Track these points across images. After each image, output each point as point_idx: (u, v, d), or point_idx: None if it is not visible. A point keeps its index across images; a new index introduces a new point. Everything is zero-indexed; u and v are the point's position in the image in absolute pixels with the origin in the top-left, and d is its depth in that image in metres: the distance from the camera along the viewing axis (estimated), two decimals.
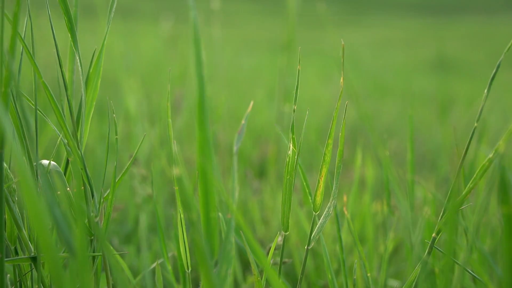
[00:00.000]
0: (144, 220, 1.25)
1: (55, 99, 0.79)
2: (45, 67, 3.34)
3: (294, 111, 0.84)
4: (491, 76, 0.80)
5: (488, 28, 29.82)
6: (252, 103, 0.82)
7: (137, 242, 1.37)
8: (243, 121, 0.79)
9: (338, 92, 3.00)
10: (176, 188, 0.74)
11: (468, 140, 0.81)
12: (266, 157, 2.21)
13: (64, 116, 0.83)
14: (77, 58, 0.83)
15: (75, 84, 0.91)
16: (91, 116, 0.89)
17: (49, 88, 0.77)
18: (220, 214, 0.80)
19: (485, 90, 0.79)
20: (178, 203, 0.80)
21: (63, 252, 0.85)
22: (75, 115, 0.86)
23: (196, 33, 0.59)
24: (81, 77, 0.84)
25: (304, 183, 0.91)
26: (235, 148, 0.79)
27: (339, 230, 0.96)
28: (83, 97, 0.85)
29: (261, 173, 2.20)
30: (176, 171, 0.67)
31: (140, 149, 1.61)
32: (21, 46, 0.83)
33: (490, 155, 0.74)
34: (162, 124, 1.65)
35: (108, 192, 0.89)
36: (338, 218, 0.97)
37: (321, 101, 3.31)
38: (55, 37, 0.85)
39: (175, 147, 0.75)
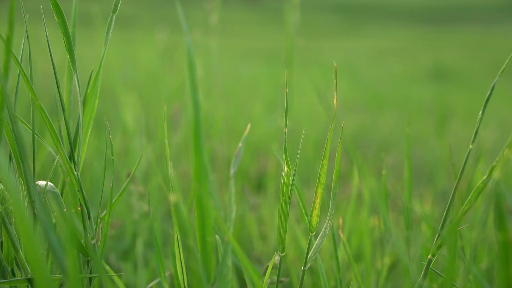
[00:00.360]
0: (141, 241, 1.25)
1: (52, 122, 0.79)
2: (44, 77, 3.34)
3: (285, 133, 0.84)
4: (486, 97, 0.80)
5: (485, 37, 29.88)
6: (249, 125, 0.82)
7: (134, 259, 1.37)
8: (240, 144, 0.79)
9: (336, 104, 2.99)
10: (173, 211, 0.74)
11: (464, 161, 0.81)
12: (264, 170, 2.21)
13: (61, 138, 0.84)
14: (75, 79, 0.84)
15: (73, 104, 0.91)
16: (88, 136, 0.89)
17: (45, 111, 0.78)
18: (216, 236, 0.80)
19: (480, 112, 0.79)
20: (175, 226, 0.80)
21: (58, 274, 0.85)
22: (72, 136, 0.86)
23: (191, 60, 0.60)
24: (79, 98, 0.84)
25: (301, 203, 0.91)
26: (232, 171, 0.78)
27: (335, 250, 0.96)
28: (81, 118, 0.85)
29: (259, 186, 2.20)
30: (172, 197, 0.67)
31: (138, 166, 1.61)
32: (19, 62, 0.83)
33: (484, 177, 0.74)
34: (160, 139, 1.65)
35: (105, 212, 0.89)
36: (334, 237, 0.97)
37: (319, 113, 3.31)
38: (52, 56, 0.85)
39: (171, 171, 0.75)
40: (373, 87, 5.76)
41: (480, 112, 0.79)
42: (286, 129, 0.85)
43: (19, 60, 0.79)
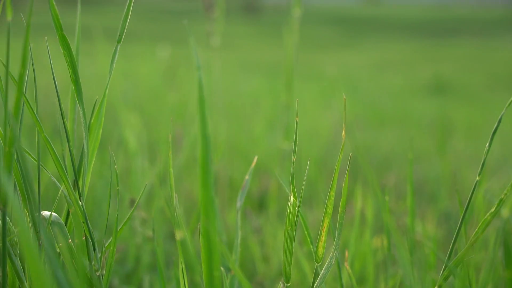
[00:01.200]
0: (144, 265, 1.24)
1: (56, 153, 0.79)
2: (45, 95, 3.35)
3: (293, 163, 0.84)
4: (492, 131, 0.80)
5: (485, 50, 29.94)
6: (256, 158, 0.82)
7: (137, 282, 1.36)
8: (247, 177, 0.79)
9: (337, 120, 3.02)
10: (179, 248, 0.74)
11: (469, 196, 0.81)
12: (266, 189, 2.21)
13: (65, 167, 0.83)
14: (80, 110, 0.84)
15: (76, 131, 0.91)
16: (92, 164, 0.89)
17: (50, 142, 0.78)
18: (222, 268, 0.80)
19: (487, 144, 0.79)
20: (180, 261, 0.80)
21: None
22: (76, 164, 0.86)
23: (202, 96, 0.60)
24: (83, 128, 0.84)
25: (306, 232, 0.91)
26: (238, 204, 0.78)
27: (340, 278, 0.96)
28: (85, 148, 0.85)
29: (261, 205, 2.19)
30: (179, 235, 0.67)
31: (140, 188, 1.61)
32: (24, 83, 0.83)
33: (492, 210, 0.74)
34: (162, 160, 1.65)
35: (109, 241, 0.89)
36: (339, 266, 0.97)
37: (321, 130, 3.31)
38: (56, 84, 0.85)
39: (177, 208, 0.75)
40: (374, 102, 5.76)
41: (487, 144, 0.79)
42: (294, 159, 0.85)
43: (24, 84, 0.79)
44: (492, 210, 0.75)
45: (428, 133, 4.13)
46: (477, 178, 0.82)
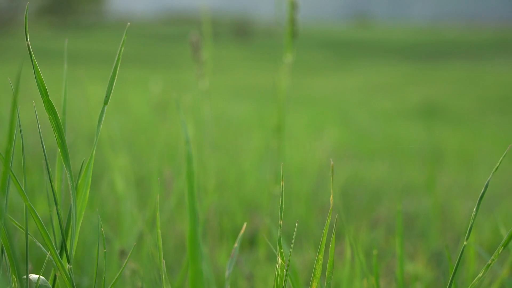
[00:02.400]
0: None
1: (43, 223, 0.78)
2: (33, 133, 3.34)
3: (280, 225, 0.84)
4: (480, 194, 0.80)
5: (475, 73, 30.14)
6: (245, 224, 0.82)
7: None
8: (236, 244, 0.79)
9: (329, 150, 3.01)
10: None
11: (457, 259, 0.81)
12: (257, 228, 2.20)
13: (53, 229, 0.83)
14: (67, 173, 0.84)
15: (64, 193, 0.91)
16: (80, 225, 0.88)
17: (38, 216, 0.77)
18: None
19: (474, 209, 0.79)
20: None
21: None
22: (64, 226, 0.86)
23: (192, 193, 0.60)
24: (70, 191, 0.84)
25: None
26: (227, 273, 0.78)
27: None
28: (73, 210, 0.85)
29: (252, 243, 2.19)
30: None
31: (129, 233, 1.61)
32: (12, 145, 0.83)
33: (480, 275, 0.74)
34: (151, 204, 1.65)
35: None
36: None
37: (312, 162, 3.32)
38: (45, 149, 0.85)
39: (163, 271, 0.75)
40: (364, 129, 5.78)
41: (474, 209, 0.79)
42: (281, 221, 0.85)
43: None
44: (480, 275, 0.75)
45: (419, 162, 4.14)
46: (465, 243, 0.82)
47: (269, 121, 5.55)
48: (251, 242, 2.21)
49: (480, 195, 0.83)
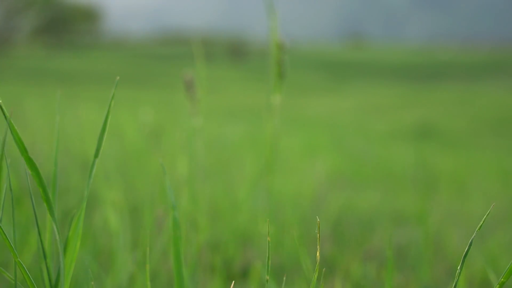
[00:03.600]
0: None
1: (31, 278, 0.78)
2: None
3: (267, 281, 0.84)
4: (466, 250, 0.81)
5: (469, 95, 30.30)
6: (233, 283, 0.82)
7: None
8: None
9: (322, 177, 3.00)
10: None
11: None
12: (249, 260, 2.20)
13: (43, 282, 0.83)
14: (54, 227, 0.84)
15: (56, 245, 0.91)
16: (69, 279, 0.88)
17: (26, 269, 0.77)
18: None
19: (458, 267, 0.79)
20: None
21: None
22: (53, 280, 0.86)
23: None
24: (58, 245, 0.84)
25: None
26: None
27: None
28: (61, 265, 0.85)
29: (245, 276, 2.18)
30: None
31: (121, 271, 1.60)
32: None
33: None
34: (145, 242, 1.64)
35: None
36: None
37: (305, 189, 3.32)
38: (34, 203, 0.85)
39: None
40: (358, 153, 5.79)
41: (459, 267, 0.80)
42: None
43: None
44: None
45: (412, 189, 4.15)
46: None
47: (263, 146, 5.57)
48: (243, 275, 2.20)
49: (463, 254, 0.84)
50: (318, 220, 0.89)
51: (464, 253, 0.88)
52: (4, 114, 0.78)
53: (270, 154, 1.46)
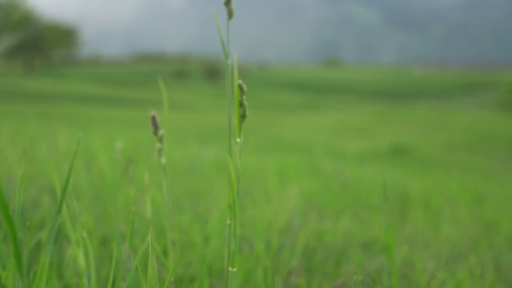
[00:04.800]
0: None
1: None
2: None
3: None
4: None
5: (442, 113, 30.58)
6: None
7: None
8: None
9: (294, 204, 3.00)
10: None
11: None
12: None
13: None
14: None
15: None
16: None
17: None
18: None
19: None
20: None
21: None
22: None
23: None
24: None
25: None
26: None
27: None
28: None
29: None
30: None
31: None
32: None
33: None
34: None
35: None
36: None
37: (278, 216, 3.32)
38: None
39: None
40: (332, 176, 5.80)
41: None
42: None
43: None
44: None
45: (384, 214, 4.16)
46: None
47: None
48: None
49: None
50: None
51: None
52: None
53: (233, 198, 1.45)
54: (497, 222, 4.11)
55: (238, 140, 1.49)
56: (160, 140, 1.60)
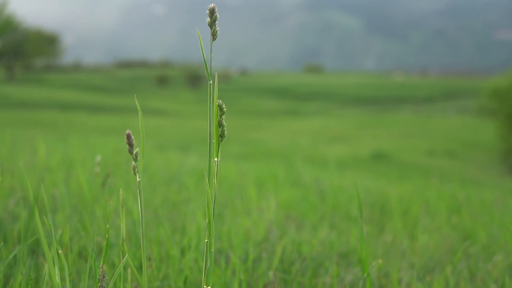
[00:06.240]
0: None
1: None
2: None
3: None
4: None
5: (422, 117, 30.75)
6: None
7: None
8: None
9: (275, 216, 3.01)
10: None
11: None
12: None
13: None
14: None
15: None
16: None
17: None
18: None
19: None
20: None
21: None
22: None
23: None
24: None
25: None
26: None
27: None
28: None
29: None
30: None
31: None
32: None
33: None
34: None
35: None
36: None
37: (258, 226, 3.33)
38: None
39: None
40: (312, 185, 5.82)
41: None
42: None
43: None
44: None
45: (365, 223, 4.18)
46: None
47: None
48: None
49: None
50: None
51: None
52: None
53: (209, 217, 1.47)
54: (474, 231, 4.15)
55: (215, 159, 1.50)
56: (135, 158, 1.61)
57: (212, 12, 1.49)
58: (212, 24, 1.51)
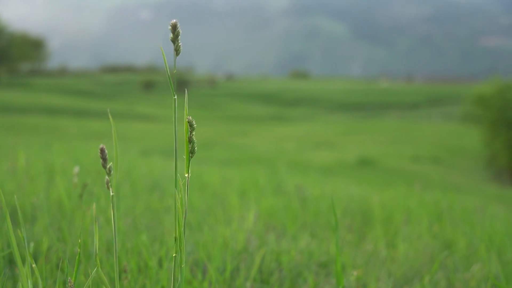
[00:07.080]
0: None
1: None
2: None
3: None
4: None
5: (408, 123, 30.87)
6: None
7: None
8: None
9: (256, 225, 3.02)
10: None
11: None
12: None
13: None
14: None
15: None
16: None
17: None
18: None
19: None
20: None
21: None
22: None
23: None
24: None
25: None
26: None
27: None
28: None
29: None
30: None
31: None
32: None
33: None
34: None
35: None
36: None
37: (237, 238, 3.33)
38: None
39: None
40: (294, 192, 5.83)
41: None
42: None
43: None
44: None
45: (344, 232, 4.19)
46: None
47: (199, 180, 5.61)
48: None
49: None
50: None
51: None
52: None
53: (179, 233, 1.47)
54: (455, 239, 4.17)
55: (186, 175, 1.51)
56: (109, 173, 1.61)
57: (174, 28, 1.49)
58: (174, 40, 1.51)
